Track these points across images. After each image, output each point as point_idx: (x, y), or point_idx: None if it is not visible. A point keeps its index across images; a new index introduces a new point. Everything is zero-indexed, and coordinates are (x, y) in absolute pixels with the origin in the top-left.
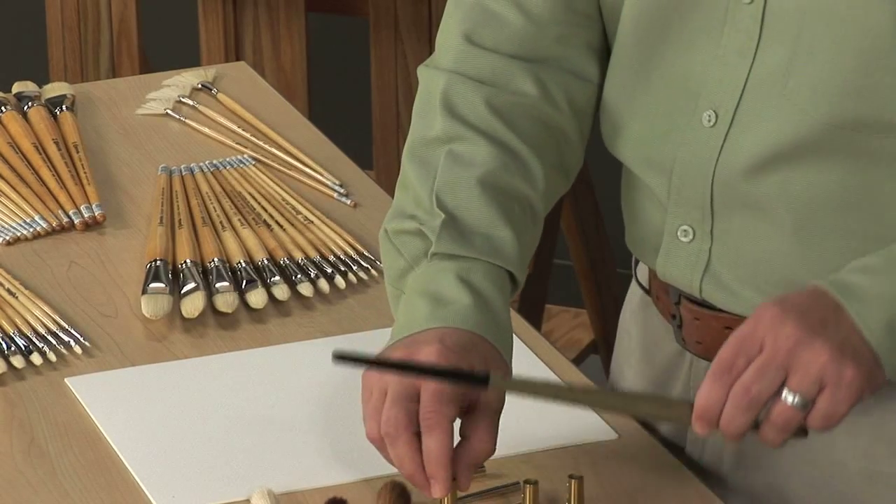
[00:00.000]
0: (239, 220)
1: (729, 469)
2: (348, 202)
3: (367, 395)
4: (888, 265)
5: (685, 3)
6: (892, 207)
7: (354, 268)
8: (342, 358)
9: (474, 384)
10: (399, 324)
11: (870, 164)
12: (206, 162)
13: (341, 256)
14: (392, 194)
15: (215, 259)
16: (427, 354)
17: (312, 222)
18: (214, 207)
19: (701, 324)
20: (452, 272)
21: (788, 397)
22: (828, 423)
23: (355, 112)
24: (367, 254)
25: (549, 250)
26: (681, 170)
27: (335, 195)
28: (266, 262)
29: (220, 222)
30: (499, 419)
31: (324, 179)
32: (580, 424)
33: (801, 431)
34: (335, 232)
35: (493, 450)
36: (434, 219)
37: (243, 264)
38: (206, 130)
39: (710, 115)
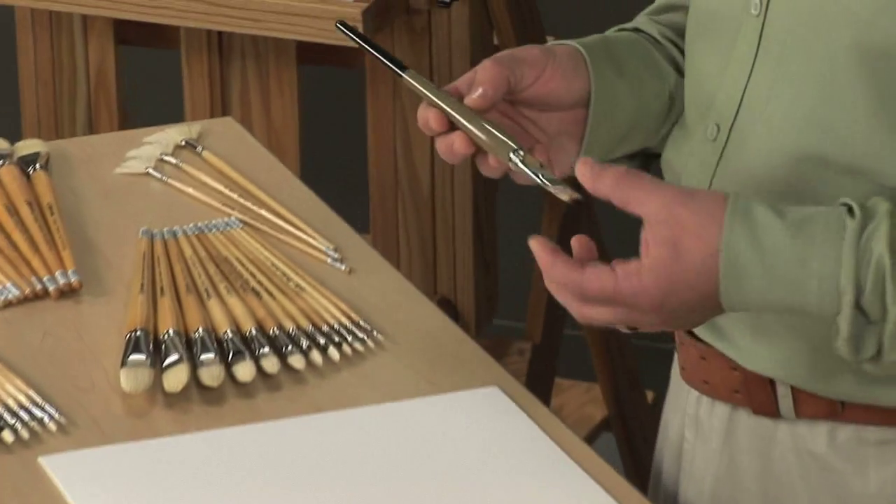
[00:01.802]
0: (225, 287)
1: None
2: (343, 268)
3: None
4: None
5: (719, 12)
6: None
7: (350, 338)
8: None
9: (395, 70)
10: None
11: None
12: (191, 224)
13: (335, 326)
14: (390, 259)
15: (200, 329)
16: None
17: (304, 289)
18: (199, 273)
19: (683, 349)
20: None
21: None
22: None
23: (350, 171)
24: (363, 323)
25: (558, 319)
26: (686, 181)
27: (328, 260)
28: (255, 332)
29: (206, 289)
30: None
31: (316, 243)
32: None
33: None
34: (329, 300)
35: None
36: None
37: (230, 335)
38: (191, 191)
39: (713, 129)
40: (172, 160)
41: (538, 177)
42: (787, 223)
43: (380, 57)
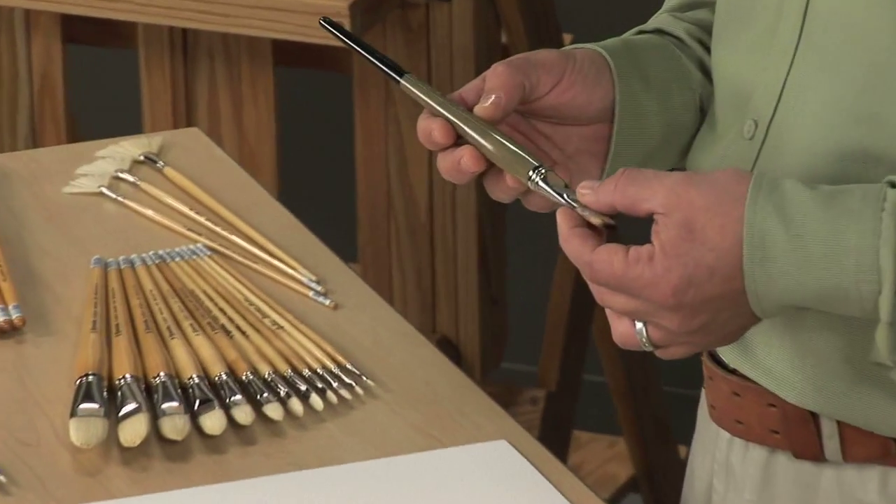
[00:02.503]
0: (191, 324)
1: None
2: (327, 303)
3: None
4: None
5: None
6: None
7: (335, 384)
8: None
9: (391, 75)
10: None
11: None
12: (151, 252)
13: (318, 370)
14: (382, 293)
15: (161, 373)
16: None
17: (282, 328)
18: (160, 309)
19: (713, 385)
20: None
21: (641, 335)
22: (663, 358)
23: (336, 190)
24: (350, 367)
25: (576, 363)
26: None
27: (311, 294)
28: (225, 377)
29: (168, 328)
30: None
31: (297, 275)
32: None
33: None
34: (311, 340)
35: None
36: None
37: (196, 380)
38: (150, 213)
39: (750, 126)
40: (129, 178)
41: (563, 197)
42: (819, 194)
43: (373, 60)
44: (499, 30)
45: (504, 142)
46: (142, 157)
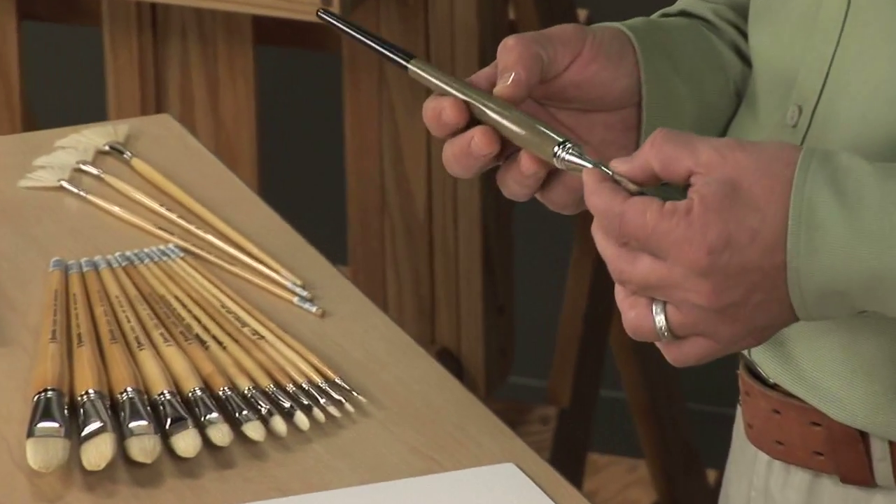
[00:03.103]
0: (162, 334)
1: None
2: (314, 310)
3: None
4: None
5: None
6: None
7: (322, 401)
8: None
9: (397, 60)
10: None
11: None
12: (117, 254)
13: (304, 385)
14: (375, 299)
15: (128, 389)
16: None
17: (264, 338)
18: (128, 317)
19: (751, 402)
20: None
21: (658, 318)
22: (675, 363)
23: (323, 185)
24: (339, 381)
25: (592, 377)
26: None
27: (296, 300)
28: (199, 392)
29: (136, 338)
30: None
31: (280, 279)
32: None
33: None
34: (295, 351)
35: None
36: None
37: (167, 396)
38: (117, 210)
39: (794, 113)
40: (93, 170)
41: (600, 167)
42: (876, 167)
43: (379, 48)
44: (505, 4)
45: (527, 119)
46: (107, 148)
